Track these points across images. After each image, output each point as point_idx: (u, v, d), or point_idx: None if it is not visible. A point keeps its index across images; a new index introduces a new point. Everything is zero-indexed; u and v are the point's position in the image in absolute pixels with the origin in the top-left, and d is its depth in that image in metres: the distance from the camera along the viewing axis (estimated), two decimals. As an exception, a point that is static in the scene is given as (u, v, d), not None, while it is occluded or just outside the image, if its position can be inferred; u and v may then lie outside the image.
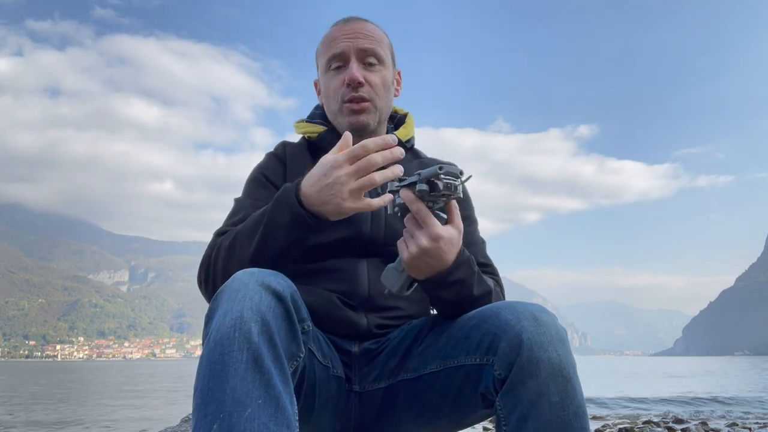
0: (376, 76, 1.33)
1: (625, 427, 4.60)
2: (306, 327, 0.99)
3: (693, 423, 5.27)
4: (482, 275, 1.19)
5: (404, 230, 1.10)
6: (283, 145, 1.43)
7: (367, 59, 1.33)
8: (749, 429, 4.99)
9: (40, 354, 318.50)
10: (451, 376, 1.09)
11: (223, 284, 0.96)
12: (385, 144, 1.02)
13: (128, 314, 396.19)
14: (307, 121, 1.44)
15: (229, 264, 1.14)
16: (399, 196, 1.09)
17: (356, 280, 1.24)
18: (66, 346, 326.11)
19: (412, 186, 1.06)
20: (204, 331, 0.94)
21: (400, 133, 1.41)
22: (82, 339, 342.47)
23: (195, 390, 0.88)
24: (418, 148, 1.49)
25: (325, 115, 1.42)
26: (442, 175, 1.02)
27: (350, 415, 1.21)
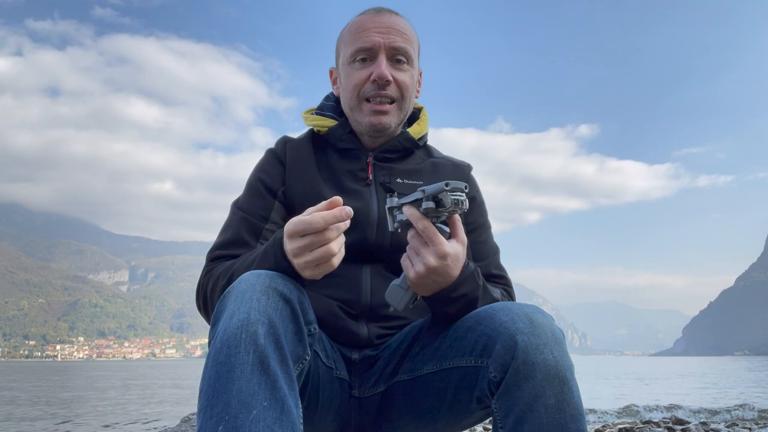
0: (404, 76, 1.28)
1: (625, 428, 4.56)
2: (312, 330, 0.99)
3: (693, 423, 5.20)
4: (488, 287, 1.17)
5: (408, 248, 1.08)
6: (284, 141, 1.37)
7: (397, 57, 1.27)
8: (749, 429, 4.95)
9: (40, 354, 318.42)
10: (447, 378, 1.09)
11: (230, 285, 0.96)
12: (338, 218, 0.96)
13: (128, 314, 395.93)
14: (317, 113, 1.38)
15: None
16: (400, 212, 1.07)
17: (358, 289, 1.23)
18: (66, 346, 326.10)
19: (416, 203, 1.03)
20: (210, 333, 0.94)
21: (413, 130, 1.36)
22: (82, 339, 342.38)
23: (200, 390, 0.87)
24: (432, 144, 1.44)
25: (337, 108, 1.37)
26: (449, 191, 0.99)
27: (349, 418, 1.22)
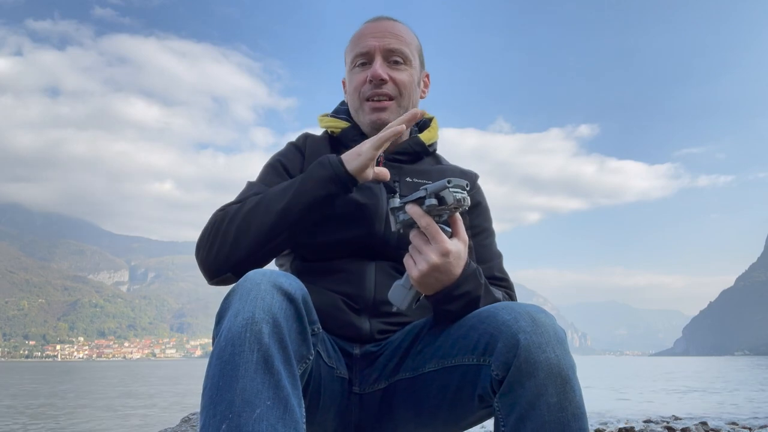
0: (402, 75, 1.32)
1: (625, 427, 4.60)
2: (316, 329, 1.00)
3: (693, 423, 5.24)
4: (490, 287, 1.18)
5: (410, 247, 1.10)
6: (305, 136, 1.42)
7: (393, 58, 1.32)
8: (749, 429, 5.01)
9: (40, 354, 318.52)
10: (448, 376, 1.09)
11: (235, 284, 0.96)
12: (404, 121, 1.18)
13: (128, 314, 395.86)
14: (332, 116, 1.43)
15: (248, 221, 1.15)
16: (403, 212, 1.08)
17: (363, 283, 1.24)
18: (66, 346, 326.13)
19: (419, 201, 1.05)
20: (215, 330, 0.94)
21: (424, 137, 1.40)
22: (82, 339, 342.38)
23: (204, 388, 0.88)
24: (441, 154, 1.48)
25: (350, 111, 1.43)
26: (451, 188, 1.01)
27: (350, 416, 1.22)
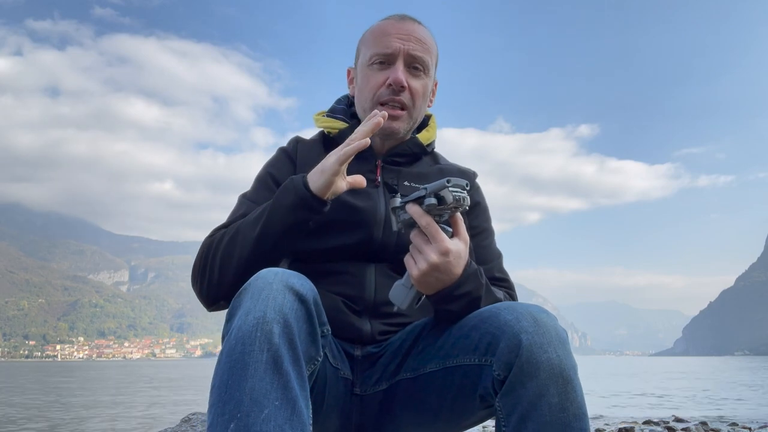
0: (418, 84, 1.31)
1: (625, 427, 4.59)
2: (325, 331, 1.00)
3: (693, 423, 5.23)
4: (491, 287, 1.18)
5: (411, 246, 1.10)
6: (296, 141, 1.40)
7: (414, 65, 1.30)
8: (749, 429, 4.98)
9: (40, 354, 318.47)
10: (450, 376, 1.09)
11: (247, 282, 0.96)
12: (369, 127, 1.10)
13: (128, 314, 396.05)
14: (328, 115, 1.40)
15: (230, 250, 1.14)
16: (404, 212, 1.08)
17: (363, 285, 1.24)
18: (66, 346, 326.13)
19: (419, 200, 1.06)
20: (225, 328, 0.94)
21: (423, 137, 1.39)
22: (82, 339, 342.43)
23: (212, 387, 0.88)
24: (439, 152, 1.45)
25: (348, 111, 1.39)
26: (450, 188, 1.01)
27: (351, 417, 1.22)
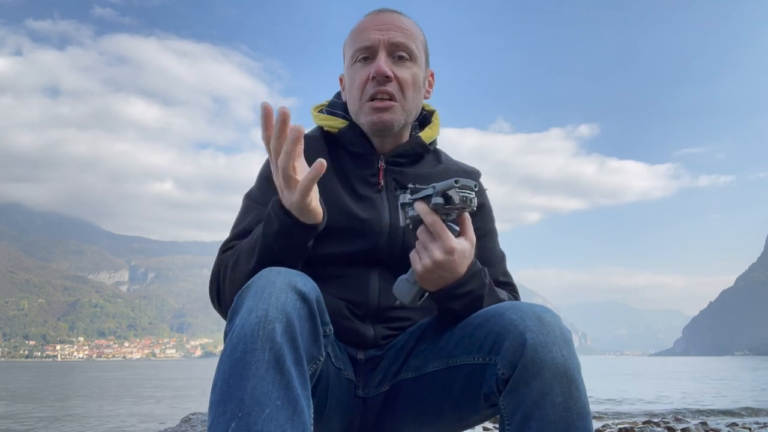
0: (405, 72, 1.23)
1: (625, 427, 4.59)
2: (327, 331, 1.00)
3: (693, 423, 5.26)
4: (494, 287, 1.18)
5: (417, 242, 1.10)
6: None
7: (398, 53, 1.23)
8: (749, 429, 4.99)
9: (40, 354, 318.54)
10: (453, 375, 1.08)
11: (249, 280, 0.96)
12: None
13: (128, 314, 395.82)
14: (328, 110, 1.35)
15: (234, 281, 1.14)
16: (412, 209, 1.10)
17: (366, 290, 1.22)
18: (66, 346, 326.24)
19: (426, 199, 1.06)
20: (227, 327, 0.93)
21: (425, 134, 1.33)
22: (82, 339, 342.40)
23: (214, 385, 0.87)
24: (441, 149, 1.41)
25: (347, 106, 1.34)
26: (458, 188, 1.02)
27: (354, 418, 1.22)
